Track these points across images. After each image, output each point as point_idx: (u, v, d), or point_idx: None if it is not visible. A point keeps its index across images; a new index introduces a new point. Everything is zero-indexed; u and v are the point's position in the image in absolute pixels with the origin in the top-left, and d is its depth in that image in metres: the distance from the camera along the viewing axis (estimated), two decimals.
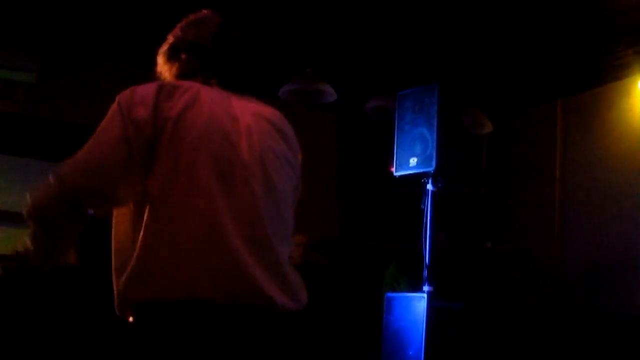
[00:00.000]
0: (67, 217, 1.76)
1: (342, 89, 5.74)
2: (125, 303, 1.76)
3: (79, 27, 5.77)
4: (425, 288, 4.23)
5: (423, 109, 4.64)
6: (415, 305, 4.19)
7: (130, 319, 1.76)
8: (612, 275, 5.74)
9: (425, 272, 4.26)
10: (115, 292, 1.80)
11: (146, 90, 1.82)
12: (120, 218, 1.84)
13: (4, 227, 5.69)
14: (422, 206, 4.46)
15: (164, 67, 2.05)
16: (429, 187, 4.50)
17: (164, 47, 2.07)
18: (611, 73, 5.83)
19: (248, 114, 1.90)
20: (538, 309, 5.98)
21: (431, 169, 4.44)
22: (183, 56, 2.00)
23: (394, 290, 5.10)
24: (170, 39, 2.08)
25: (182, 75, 1.98)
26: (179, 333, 1.63)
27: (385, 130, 5.09)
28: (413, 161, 4.54)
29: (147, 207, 1.70)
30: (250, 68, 2.10)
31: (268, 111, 1.98)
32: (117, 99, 1.83)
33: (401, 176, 4.69)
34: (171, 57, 2.04)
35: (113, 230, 1.86)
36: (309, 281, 3.09)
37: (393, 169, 4.71)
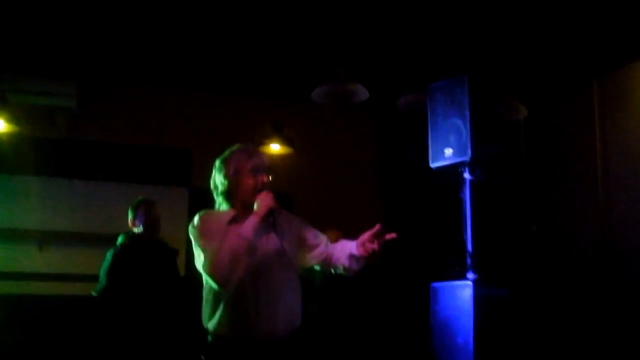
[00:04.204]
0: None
1: (374, 87, 5.78)
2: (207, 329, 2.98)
3: (113, 51, 5.93)
4: (470, 276, 4.24)
5: (454, 101, 4.65)
6: (461, 293, 4.20)
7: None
8: None
9: (469, 260, 4.27)
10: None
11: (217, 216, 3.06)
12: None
13: (52, 246, 5.91)
14: (461, 195, 4.48)
15: (246, 178, 3.04)
16: (467, 176, 4.51)
17: (250, 166, 3.06)
18: None
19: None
20: (586, 289, 5.93)
21: (467, 158, 4.44)
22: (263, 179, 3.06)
23: None
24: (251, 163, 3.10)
25: (257, 190, 3.02)
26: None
27: (421, 125, 5.11)
28: (448, 152, 4.56)
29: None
30: None
31: None
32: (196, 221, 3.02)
33: (441, 168, 4.70)
34: (255, 174, 3.05)
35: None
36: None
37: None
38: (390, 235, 2.94)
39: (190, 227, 3.00)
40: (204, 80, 6.65)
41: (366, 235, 2.99)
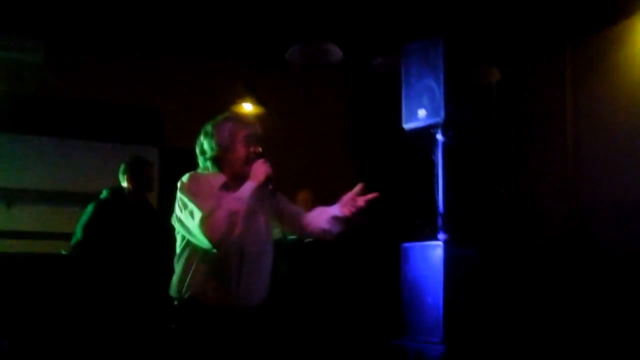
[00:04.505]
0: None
1: (348, 48, 5.74)
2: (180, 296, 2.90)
3: (82, 8, 5.81)
4: (440, 237, 4.28)
5: (429, 62, 4.65)
6: (431, 254, 4.24)
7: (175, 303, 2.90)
8: (630, 216, 5.73)
9: (440, 221, 4.30)
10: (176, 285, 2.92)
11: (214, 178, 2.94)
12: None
13: (21, 204, 5.86)
14: (433, 157, 4.49)
15: (239, 146, 2.94)
16: (439, 137, 4.52)
17: (244, 134, 2.97)
18: (617, 12, 5.77)
19: None
20: (554, 252, 6.01)
21: (440, 120, 4.45)
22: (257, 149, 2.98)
23: None
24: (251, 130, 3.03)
25: (249, 160, 2.92)
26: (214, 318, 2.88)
27: (395, 86, 5.09)
28: (422, 113, 4.56)
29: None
30: None
31: None
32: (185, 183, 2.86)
33: (414, 130, 4.70)
34: (248, 144, 2.97)
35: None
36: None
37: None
38: (372, 195, 2.93)
39: (179, 186, 2.86)
40: (175, 40, 6.55)
41: (349, 196, 2.98)
